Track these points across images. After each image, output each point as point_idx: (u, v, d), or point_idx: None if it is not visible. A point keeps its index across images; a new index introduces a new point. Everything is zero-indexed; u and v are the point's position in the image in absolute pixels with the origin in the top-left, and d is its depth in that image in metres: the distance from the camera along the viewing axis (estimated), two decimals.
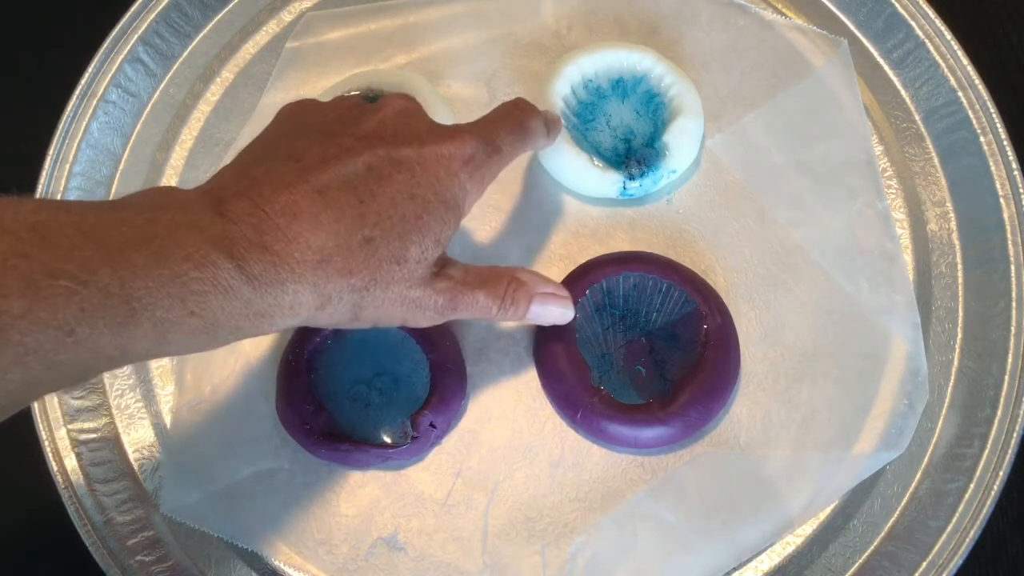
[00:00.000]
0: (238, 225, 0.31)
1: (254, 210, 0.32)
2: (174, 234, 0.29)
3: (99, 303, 0.27)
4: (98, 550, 0.43)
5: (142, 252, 0.28)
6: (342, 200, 0.33)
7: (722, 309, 0.44)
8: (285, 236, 0.32)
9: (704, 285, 0.45)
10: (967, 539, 0.42)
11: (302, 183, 0.33)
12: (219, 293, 0.30)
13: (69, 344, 0.27)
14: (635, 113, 0.49)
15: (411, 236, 0.35)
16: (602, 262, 0.45)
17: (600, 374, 0.44)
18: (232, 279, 0.30)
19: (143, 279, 0.28)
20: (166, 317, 0.29)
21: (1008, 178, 0.47)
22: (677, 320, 0.44)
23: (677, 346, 0.44)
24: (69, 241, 0.27)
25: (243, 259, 0.30)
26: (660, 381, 0.44)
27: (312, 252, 0.32)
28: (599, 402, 0.43)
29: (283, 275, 0.31)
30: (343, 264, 0.33)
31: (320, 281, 0.32)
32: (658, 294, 0.45)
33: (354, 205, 0.33)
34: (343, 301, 0.34)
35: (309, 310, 0.33)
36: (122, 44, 0.51)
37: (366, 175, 0.34)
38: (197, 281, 0.29)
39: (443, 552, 0.43)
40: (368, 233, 0.34)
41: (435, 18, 0.52)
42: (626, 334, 0.45)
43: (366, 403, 0.44)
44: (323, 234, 0.32)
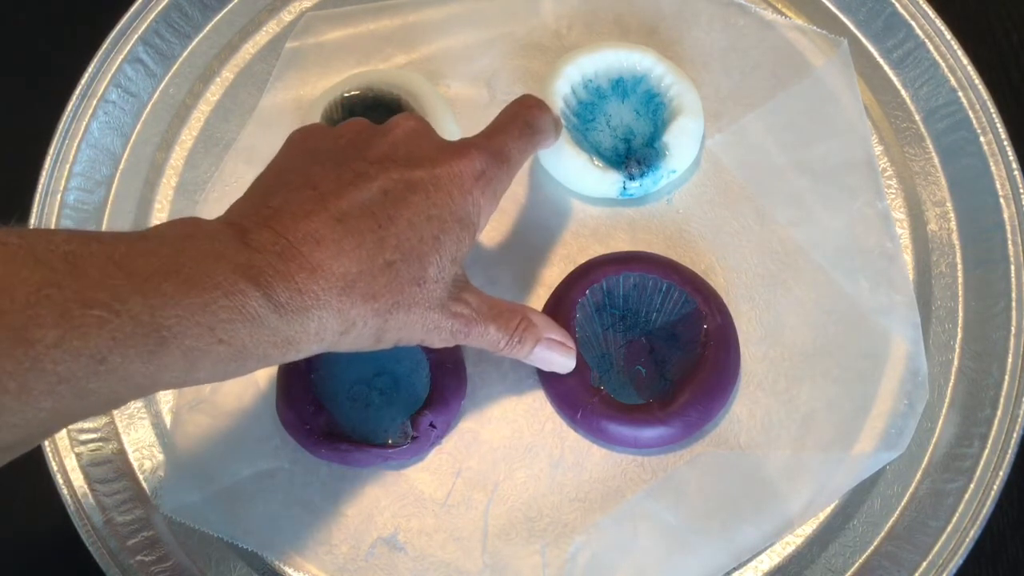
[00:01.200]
0: (263, 254, 0.31)
1: (277, 239, 0.32)
2: (202, 263, 0.30)
3: (131, 332, 0.27)
4: (98, 550, 0.43)
5: (171, 281, 0.29)
6: (362, 226, 0.34)
7: (722, 309, 0.44)
8: (309, 264, 0.32)
9: (704, 285, 0.45)
10: (967, 539, 0.42)
11: (321, 211, 0.33)
12: (247, 321, 0.30)
13: (101, 372, 0.27)
14: (635, 113, 0.49)
15: (429, 257, 0.35)
16: (602, 262, 0.45)
17: (600, 374, 0.44)
18: (260, 307, 0.30)
19: (173, 308, 0.28)
20: (196, 345, 0.29)
21: (1008, 178, 0.47)
22: (677, 320, 0.44)
23: (677, 346, 0.44)
24: (100, 271, 0.27)
25: (270, 287, 0.31)
26: (660, 381, 0.44)
27: (336, 279, 0.32)
28: (599, 402, 0.43)
29: (308, 302, 0.32)
30: (366, 289, 0.33)
31: (345, 307, 0.33)
32: (658, 294, 0.44)
33: (373, 230, 0.34)
34: (367, 326, 0.34)
35: (334, 335, 0.33)
36: (122, 44, 0.51)
37: (383, 199, 0.34)
38: (226, 309, 0.30)
39: (443, 552, 0.43)
40: (389, 257, 0.34)
41: (435, 18, 0.52)
42: (626, 334, 0.44)
43: (366, 403, 0.44)
44: (346, 260, 0.33)
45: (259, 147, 0.50)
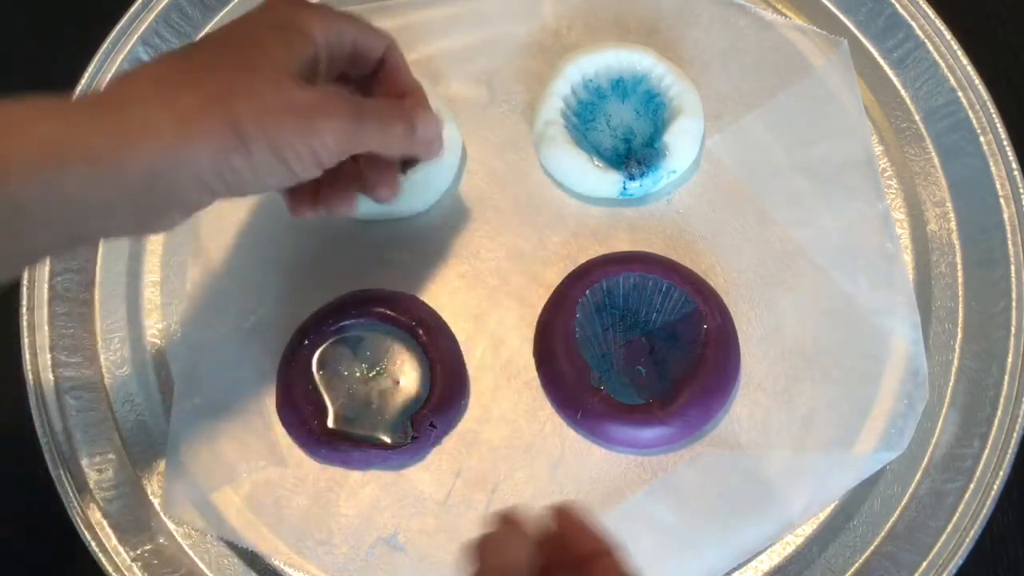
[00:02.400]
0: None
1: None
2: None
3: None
4: (97, 550, 0.43)
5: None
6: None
7: (722, 309, 0.44)
8: (112, 80, 0.32)
9: (704, 285, 0.45)
10: (967, 539, 0.42)
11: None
12: (50, 117, 0.29)
13: None
14: (635, 113, 0.49)
15: (248, 49, 0.34)
16: (602, 262, 0.45)
17: (600, 374, 0.44)
18: (66, 107, 0.30)
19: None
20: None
21: (1008, 178, 0.47)
22: (677, 320, 0.44)
23: (677, 346, 0.44)
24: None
25: (67, 98, 0.31)
26: (660, 381, 0.44)
27: (148, 74, 0.32)
28: (599, 402, 0.43)
29: (121, 92, 0.31)
30: (185, 76, 0.32)
31: (166, 93, 0.31)
32: (658, 294, 0.44)
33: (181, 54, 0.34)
34: (210, 114, 0.31)
35: (171, 127, 0.31)
36: (122, 44, 0.51)
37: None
38: (30, 108, 0.29)
39: (443, 552, 0.43)
40: (203, 57, 0.33)
41: (435, 18, 0.52)
42: (626, 334, 0.44)
43: (366, 403, 0.44)
44: (158, 63, 0.33)
45: None
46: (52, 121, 0.29)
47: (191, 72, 0.32)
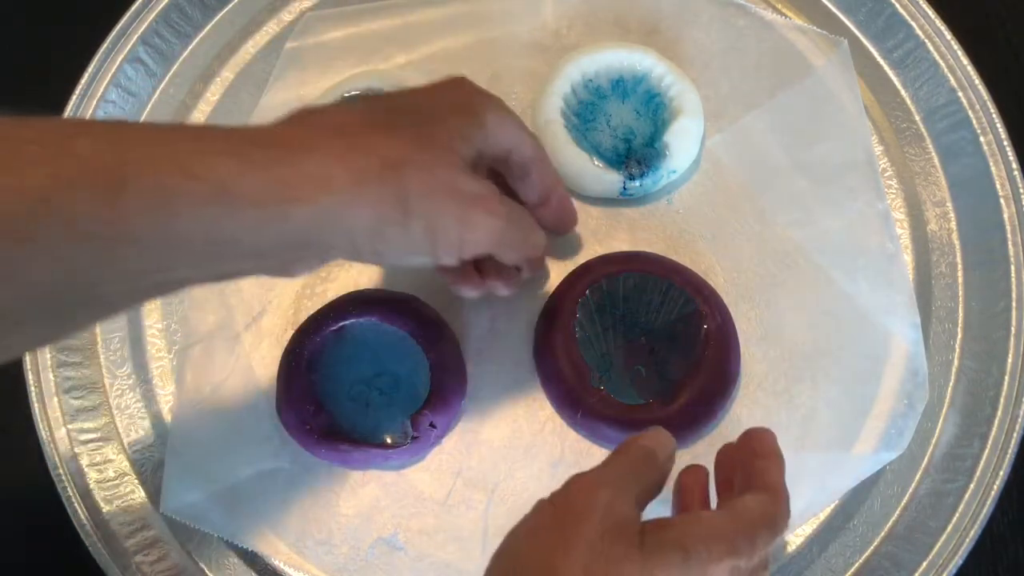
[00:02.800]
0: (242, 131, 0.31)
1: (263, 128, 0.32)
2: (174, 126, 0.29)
3: (77, 169, 0.25)
4: (98, 550, 0.43)
5: (131, 125, 0.28)
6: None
7: (722, 309, 0.44)
8: (288, 122, 0.32)
9: (704, 285, 0.45)
10: (967, 539, 0.42)
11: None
12: (224, 154, 0.28)
13: (44, 216, 0.24)
14: (635, 113, 0.49)
15: (430, 123, 0.33)
16: (602, 262, 0.45)
17: (600, 374, 0.43)
18: (237, 140, 0.28)
19: (132, 144, 0.26)
20: (163, 184, 0.26)
21: (1008, 178, 0.47)
22: (677, 320, 0.44)
23: (677, 346, 0.44)
24: (45, 121, 0.26)
25: (244, 131, 0.30)
26: (660, 381, 0.43)
27: (331, 123, 0.31)
28: (599, 402, 0.43)
29: (301, 136, 0.30)
30: (368, 135, 0.31)
31: (346, 149, 0.31)
32: (658, 294, 0.44)
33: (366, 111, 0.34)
34: (383, 181, 0.31)
35: (345, 185, 0.30)
36: (122, 44, 0.51)
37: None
38: (200, 141, 0.27)
39: (443, 552, 0.43)
40: (387, 118, 0.33)
41: (435, 18, 0.52)
42: (626, 334, 0.44)
43: (366, 403, 0.44)
44: (342, 112, 0.33)
45: None
46: (228, 159, 0.28)
47: (372, 132, 0.32)
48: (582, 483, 0.32)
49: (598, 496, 0.31)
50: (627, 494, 0.32)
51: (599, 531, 0.30)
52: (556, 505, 0.31)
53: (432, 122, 0.34)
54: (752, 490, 0.33)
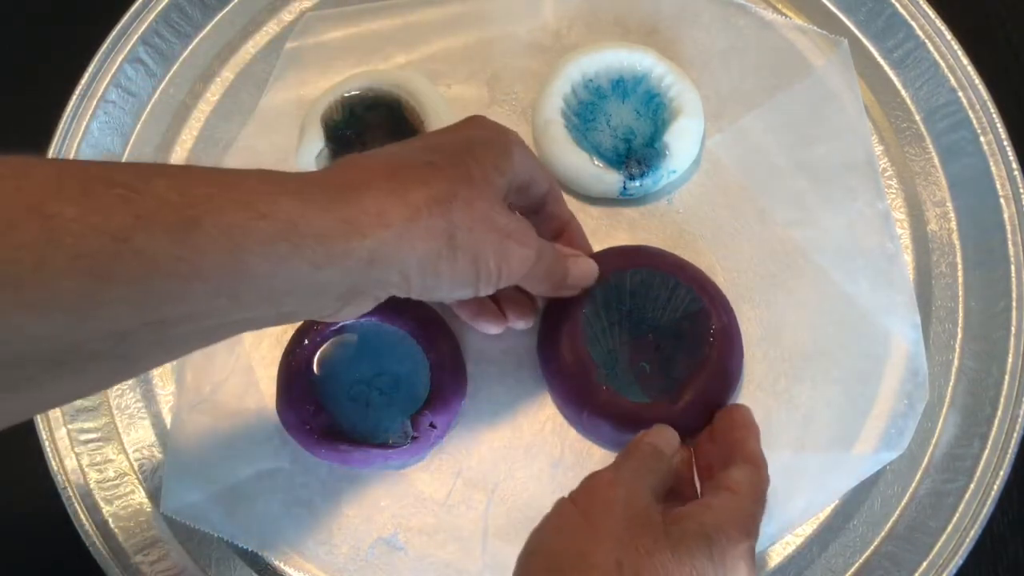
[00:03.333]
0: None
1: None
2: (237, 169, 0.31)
3: (155, 208, 0.26)
4: (98, 550, 0.43)
5: (200, 168, 0.29)
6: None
7: (727, 309, 0.44)
8: (342, 163, 0.33)
9: (710, 284, 0.45)
10: (967, 539, 0.42)
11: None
12: (289, 194, 0.29)
13: (125, 253, 0.26)
14: (635, 113, 0.49)
15: (466, 159, 0.35)
16: (610, 255, 0.45)
17: (606, 371, 0.43)
18: (301, 184, 0.30)
19: (203, 185, 0.28)
20: (233, 222, 0.28)
21: (1008, 178, 0.47)
22: (683, 318, 0.44)
23: (683, 344, 0.43)
24: (124, 164, 0.28)
25: (305, 175, 0.32)
26: (665, 379, 0.43)
27: (379, 166, 0.33)
28: (605, 400, 0.42)
29: (354, 178, 0.32)
30: (414, 173, 0.33)
31: (397, 187, 0.32)
32: (665, 291, 0.44)
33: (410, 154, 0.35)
34: (432, 215, 0.32)
35: (400, 220, 0.32)
36: (122, 44, 0.51)
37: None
38: (263, 182, 0.29)
39: (443, 552, 0.43)
40: (426, 157, 0.34)
41: (435, 18, 0.52)
42: (632, 330, 0.44)
43: (366, 403, 0.44)
44: (382, 157, 0.34)
45: (259, 147, 0.50)
46: (292, 198, 0.30)
47: (418, 169, 0.33)
48: (600, 481, 0.34)
49: (617, 491, 0.33)
50: (644, 488, 0.34)
51: (624, 524, 0.32)
52: (578, 503, 0.33)
53: (469, 157, 0.35)
54: (735, 463, 0.37)
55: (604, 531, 0.31)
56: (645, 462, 0.36)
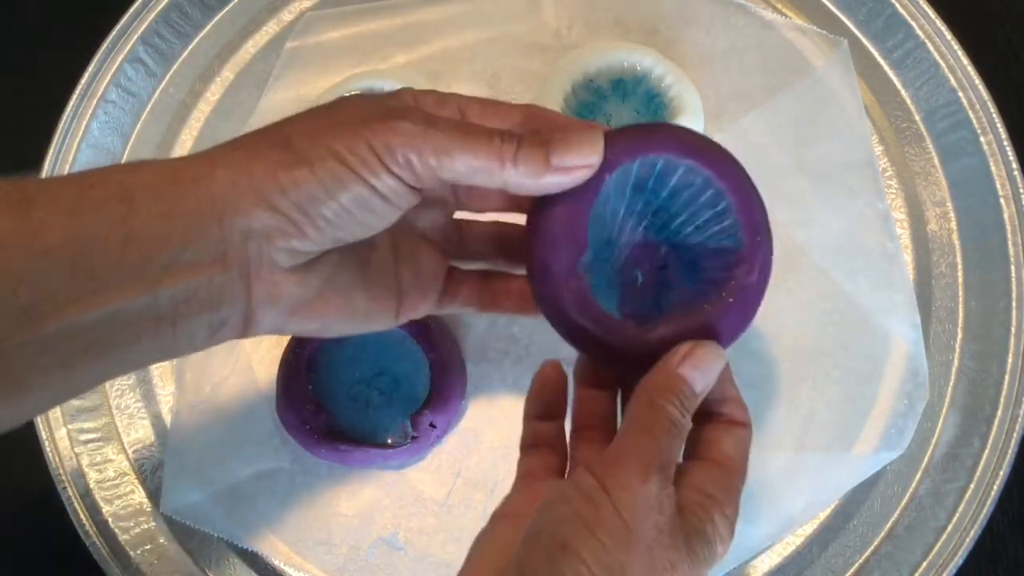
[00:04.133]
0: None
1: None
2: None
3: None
4: (98, 550, 0.43)
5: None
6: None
7: (765, 269, 0.34)
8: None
9: (765, 229, 0.34)
10: (967, 539, 0.42)
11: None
12: (119, 168, 0.30)
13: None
14: (635, 113, 0.49)
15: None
16: (672, 138, 0.34)
17: (591, 261, 0.33)
18: (137, 163, 0.31)
19: (35, 180, 0.29)
20: (62, 192, 0.28)
21: (1008, 178, 0.47)
22: (712, 251, 0.35)
23: (693, 277, 0.35)
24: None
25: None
26: (651, 301, 0.35)
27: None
28: (572, 290, 0.33)
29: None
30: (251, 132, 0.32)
31: (228, 143, 0.31)
32: (709, 209, 0.35)
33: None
34: (259, 138, 0.31)
35: (223, 154, 0.30)
36: (122, 44, 0.51)
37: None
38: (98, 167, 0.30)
39: (443, 552, 0.43)
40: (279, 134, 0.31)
41: (435, 18, 0.52)
42: (646, 231, 0.36)
43: (366, 403, 0.44)
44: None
45: None
46: (120, 169, 0.30)
47: (252, 131, 0.32)
48: (630, 466, 0.29)
49: (650, 487, 0.29)
50: (669, 478, 0.30)
51: (655, 531, 0.28)
52: (609, 491, 0.28)
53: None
54: (720, 423, 0.33)
55: (639, 537, 0.28)
56: (670, 442, 0.30)
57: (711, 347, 0.32)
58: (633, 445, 0.30)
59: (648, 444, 0.30)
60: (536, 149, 0.30)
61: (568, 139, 0.31)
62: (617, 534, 0.28)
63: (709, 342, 0.32)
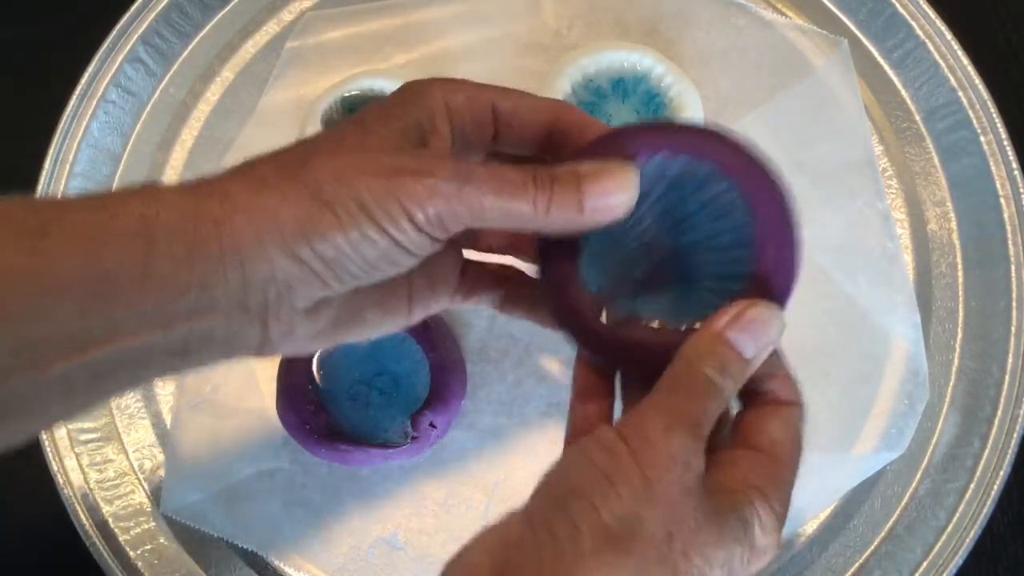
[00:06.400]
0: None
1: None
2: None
3: (1, 220, 0.25)
4: (98, 550, 0.43)
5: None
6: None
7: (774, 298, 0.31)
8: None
9: (786, 260, 0.32)
10: (967, 539, 0.42)
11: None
12: (139, 195, 0.27)
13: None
14: (635, 113, 0.49)
15: (343, 127, 0.30)
16: (706, 135, 0.32)
17: (591, 240, 0.32)
18: (158, 187, 0.28)
19: (51, 203, 0.27)
20: (79, 223, 0.26)
21: (1008, 178, 0.47)
22: (721, 276, 0.32)
23: (690, 294, 0.32)
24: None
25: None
26: (638, 299, 0.32)
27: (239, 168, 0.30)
28: (560, 270, 0.32)
29: (220, 174, 0.29)
30: (265, 157, 0.30)
31: (248, 167, 0.29)
32: (731, 227, 0.32)
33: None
34: (283, 178, 0.29)
35: (246, 193, 0.28)
36: (122, 44, 0.51)
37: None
38: (119, 191, 0.28)
39: (443, 552, 0.43)
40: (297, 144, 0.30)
41: (435, 18, 0.52)
42: (660, 226, 0.32)
43: (366, 403, 0.44)
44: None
45: (259, 147, 0.48)
46: (141, 198, 0.27)
47: (274, 154, 0.30)
48: (654, 420, 0.27)
49: (673, 441, 0.27)
50: (699, 437, 0.27)
51: (680, 489, 0.26)
52: (631, 444, 0.27)
53: (349, 123, 0.31)
54: (769, 407, 0.31)
55: (659, 492, 0.26)
56: (707, 403, 0.28)
57: (765, 307, 0.29)
58: (660, 402, 0.28)
59: (676, 401, 0.28)
60: (569, 196, 0.29)
61: (600, 180, 0.29)
62: (635, 485, 0.26)
63: (763, 301, 0.29)
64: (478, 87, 0.33)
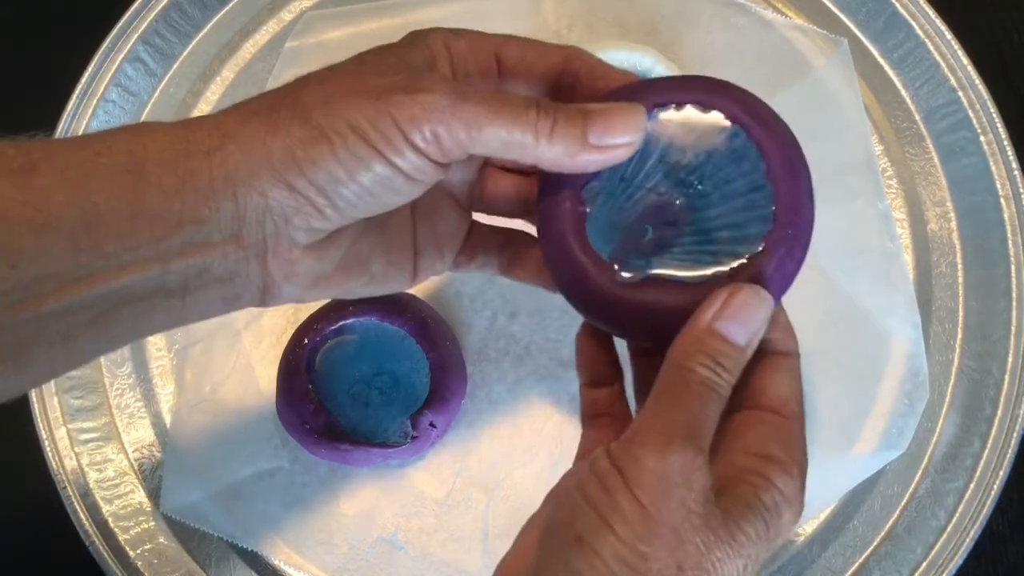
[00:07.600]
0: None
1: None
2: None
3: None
4: (98, 550, 0.43)
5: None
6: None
7: (782, 267, 0.32)
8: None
9: (801, 227, 0.31)
10: (967, 539, 0.42)
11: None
12: (127, 132, 0.27)
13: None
14: None
15: (338, 67, 0.30)
16: (741, 98, 0.32)
17: (598, 190, 0.31)
18: (145, 124, 0.28)
19: (40, 143, 0.26)
20: (68, 160, 0.26)
21: (1008, 178, 0.47)
22: (731, 226, 0.30)
23: (703, 248, 0.30)
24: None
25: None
26: (649, 258, 0.30)
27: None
28: (570, 216, 0.30)
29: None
30: (258, 96, 0.30)
31: (242, 104, 0.30)
32: (743, 179, 0.30)
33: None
34: (274, 108, 0.29)
35: (235, 124, 0.29)
36: (122, 44, 0.51)
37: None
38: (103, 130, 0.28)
39: (443, 551, 0.43)
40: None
41: (435, 18, 0.52)
42: (671, 183, 0.31)
43: (366, 403, 0.44)
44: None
45: None
46: (128, 133, 0.28)
47: (269, 91, 0.30)
48: (648, 440, 0.26)
49: (671, 461, 0.25)
50: (700, 448, 0.26)
51: (683, 512, 0.25)
52: (624, 472, 0.26)
53: (345, 64, 0.30)
54: (769, 360, 0.30)
55: (661, 522, 0.25)
56: (704, 410, 0.27)
57: (751, 291, 0.28)
58: (653, 416, 0.26)
59: (670, 412, 0.26)
60: (573, 126, 0.28)
61: (607, 116, 0.28)
62: (634, 522, 0.25)
63: (748, 285, 0.28)
64: (481, 34, 0.32)
